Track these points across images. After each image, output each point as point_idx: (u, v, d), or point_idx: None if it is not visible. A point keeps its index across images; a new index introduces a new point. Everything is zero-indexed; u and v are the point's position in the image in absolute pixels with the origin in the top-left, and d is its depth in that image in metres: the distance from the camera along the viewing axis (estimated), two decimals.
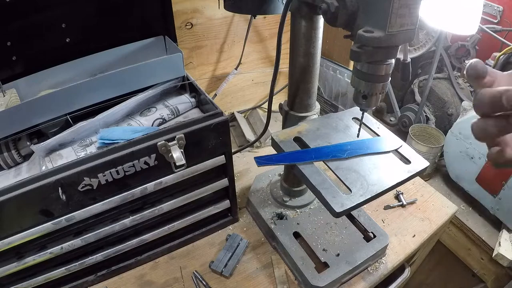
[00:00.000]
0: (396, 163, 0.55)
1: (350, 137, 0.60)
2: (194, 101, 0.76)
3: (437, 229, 0.83)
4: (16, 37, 0.67)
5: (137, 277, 0.72)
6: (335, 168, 0.54)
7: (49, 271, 0.63)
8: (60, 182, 0.53)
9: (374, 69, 0.45)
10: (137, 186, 0.61)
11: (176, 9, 0.88)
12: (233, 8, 0.70)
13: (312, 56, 0.62)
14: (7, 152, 0.63)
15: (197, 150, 0.63)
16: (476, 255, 0.94)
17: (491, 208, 0.89)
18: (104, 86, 0.65)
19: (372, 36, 0.40)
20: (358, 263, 0.69)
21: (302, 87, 0.66)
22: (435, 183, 1.06)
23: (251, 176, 0.95)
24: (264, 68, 1.18)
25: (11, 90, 0.68)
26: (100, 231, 0.63)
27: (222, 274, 0.71)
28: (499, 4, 1.05)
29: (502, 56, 0.95)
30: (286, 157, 0.57)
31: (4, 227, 0.54)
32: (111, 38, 0.76)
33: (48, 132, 0.66)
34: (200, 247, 0.78)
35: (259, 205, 0.82)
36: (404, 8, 0.39)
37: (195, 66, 1.04)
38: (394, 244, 0.78)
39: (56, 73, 0.72)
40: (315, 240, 0.73)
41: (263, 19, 1.08)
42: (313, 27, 0.58)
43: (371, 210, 0.86)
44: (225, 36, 1.05)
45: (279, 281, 0.71)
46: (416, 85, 1.17)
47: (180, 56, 0.71)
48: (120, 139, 0.60)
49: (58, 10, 0.68)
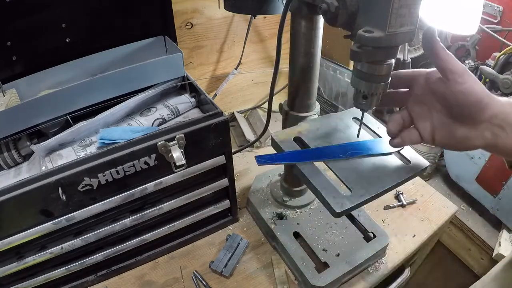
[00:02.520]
0: (396, 163, 0.55)
1: (350, 137, 0.60)
2: (194, 101, 0.76)
3: (437, 229, 0.83)
4: (16, 37, 0.67)
5: (137, 277, 0.72)
6: (335, 168, 0.54)
7: (49, 271, 0.63)
8: (60, 182, 0.53)
9: (374, 69, 0.45)
10: (137, 186, 0.61)
11: (176, 9, 0.88)
12: (233, 8, 0.70)
13: (312, 56, 0.62)
14: (7, 152, 0.63)
15: (197, 150, 0.63)
16: (476, 255, 0.94)
17: (491, 208, 0.89)
18: (104, 86, 0.65)
19: (372, 36, 0.40)
20: (358, 263, 0.68)
21: (302, 87, 0.66)
22: (435, 183, 1.06)
23: (251, 176, 0.95)
24: (264, 68, 1.18)
25: (11, 90, 0.68)
26: (100, 231, 0.63)
27: (222, 274, 0.71)
28: (499, 4, 1.05)
29: (502, 56, 0.95)
30: (286, 157, 0.57)
31: (4, 227, 0.54)
32: (111, 38, 0.76)
33: (48, 132, 0.66)
34: (200, 247, 0.78)
35: (259, 205, 0.82)
36: (404, 8, 0.39)
37: (195, 66, 1.04)
38: (394, 244, 0.78)
39: (56, 73, 0.72)
40: (315, 240, 0.73)
41: (263, 19, 1.08)
42: (313, 27, 0.58)
43: (371, 210, 0.86)
44: (225, 36, 1.05)
45: (279, 281, 0.71)
46: None
47: (180, 56, 0.71)
48: (120, 139, 0.60)
49: (58, 10, 0.68)
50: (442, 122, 0.44)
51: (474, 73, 1.09)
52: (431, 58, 0.42)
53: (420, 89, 0.46)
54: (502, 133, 0.40)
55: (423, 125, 0.46)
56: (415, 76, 0.47)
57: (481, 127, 0.41)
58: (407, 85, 0.49)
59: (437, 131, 0.45)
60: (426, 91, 0.45)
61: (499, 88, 0.97)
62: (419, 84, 0.47)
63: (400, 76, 0.49)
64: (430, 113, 0.46)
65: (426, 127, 0.46)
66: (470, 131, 0.42)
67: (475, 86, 0.40)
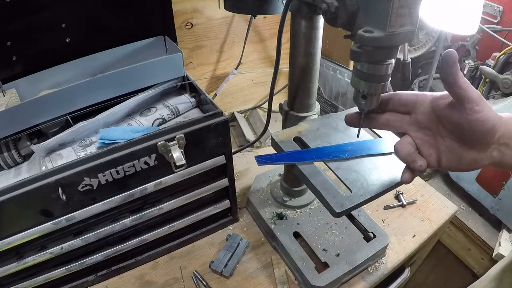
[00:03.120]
0: (396, 163, 0.55)
1: (350, 137, 0.60)
2: (194, 101, 0.76)
3: (437, 229, 0.83)
4: (16, 37, 0.67)
5: (137, 277, 0.72)
6: (335, 168, 0.54)
7: (49, 271, 0.63)
8: (60, 182, 0.52)
9: (374, 69, 0.45)
10: (137, 186, 0.61)
11: (176, 9, 0.88)
12: (233, 8, 0.70)
13: (312, 56, 0.62)
14: (7, 152, 0.63)
15: (197, 150, 0.63)
16: (476, 255, 0.94)
17: (491, 208, 0.89)
18: (104, 86, 0.65)
19: (372, 36, 0.40)
20: (358, 263, 0.69)
21: (302, 87, 0.66)
22: (435, 183, 1.06)
23: (251, 176, 0.95)
24: (264, 68, 1.18)
25: (11, 90, 0.68)
26: (100, 231, 0.63)
27: (222, 274, 0.71)
28: (499, 4, 1.05)
29: (502, 56, 0.95)
30: (286, 157, 0.57)
31: (4, 227, 0.54)
32: (111, 38, 0.76)
33: (48, 132, 0.66)
34: (200, 247, 0.78)
35: (259, 205, 0.82)
36: (404, 8, 0.39)
37: (195, 66, 1.04)
38: (394, 244, 0.78)
39: (56, 73, 0.72)
40: (315, 240, 0.73)
41: (263, 19, 1.08)
42: (313, 27, 0.58)
43: (371, 210, 0.86)
44: (225, 36, 1.05)
45: (279, 281, 0.71)
46: (416, 85, 1.17)
47: (180, 56, 0.71)
48: (120, 139, 0.60)
49: (58, 10, 0.68)
50: (449, 147, 0.43)
51: (474, 73, 1.09)
52: (447, 84, 0.39)
53: (423, 115, 0.44)
54: (508, 151, 0.40)
55: (429, 151, 0.44)
56: (418, 101, 0.44)
57: (490, 149, 0.40)
58: (407, 109, 0.46)
59: (444, 156, 0.44)
60: (431, 117, 0.43)
61: (499, 88, 0.97)
62: (422, 110, 0.44)
63: (401, 99, 0.46)
64: (435, 139, 0.44)
65: (432, 153, 0.44)
66: (479, 154, 0.41)
67: (490, 113, 0.38)
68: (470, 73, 1.09)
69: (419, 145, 0.45)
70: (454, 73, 0.38)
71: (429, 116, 0.43)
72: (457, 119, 0.40)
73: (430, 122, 0.44)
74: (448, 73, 0.38)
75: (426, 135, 0.45)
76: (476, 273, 0.96)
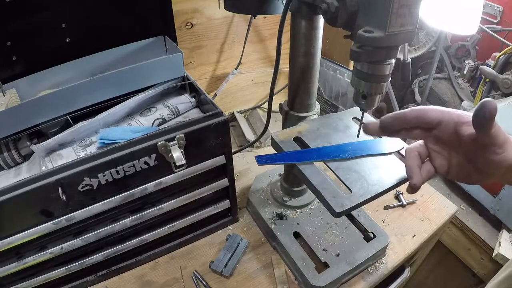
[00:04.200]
0: (397, 163, 0.55)
1: (350, 137, 0.60)
2: (194, 101, 0.76)
3: (437, 229, 0.83)
4: (16, 37, 0.67)
5: (137, 277, 0.72)
6: (335, 168, 0.54)
7: (49, 271, 0.63)
8: (60, 182, 0.53)
9: (374, 69, 0.45)
10: (137, 186, 0.61)
11: (176, 9, 0.88)
12: (233, 8, 0.70)
13: (312, 56, 0.62)
14: (7, 152, 0.63)
15: (197, 150, 0.63)
16: (476, 255, 0.94)
17: (491, 208, 0.89)
18: (104, 86, 0.65)
19: (372, 36, 0.40)
20: (358, 263, 0.69)
21: (302, 87, 0.66)
22: (435, 183, 1.06)
23: (251, 176, 0.95)
24: (264, 68, 1.18)
25: (11, 90, 0.68)
26: (100, 231, 0.63)
27: (222, 274, 0.71)
28: (499, 4, 1.05)
29: (502, 56, 0.95)
30: (286, 157, 0.57)
31: (4, 227, 0.54)
32: (111, 38, 0.76)
33: (48, 132, 0.66)
34: (200, 247, 0.78)
35: (259, 205, 0.82)
36: (404, 8, 0.39)
37: (195, 66, 1.04)
38: (394, 244, 0.78)
39: (56, 73, 0.72)
40: (315, 240, 0.73)
41: (263, 19, 1.08)
42: (313, 27, 0.58)
43: (371, 210, 0.86)
44: (225, 36, 1.05)
45: (279, 281, 0.71)
46: (416, 85, 1.17)
47: (180, 56, 0.71)
48: (120, 139, 0.60)
49: (58, 10, 0.68)
50: (460, 164, 0.44)
51: (474, 73, 1.09)
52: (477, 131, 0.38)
53: (445, 134, 0.44)
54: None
55: (441, 163, 0.46)
56: (444, 121, 0.43)
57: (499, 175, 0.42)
58: (430, 126, 0.45)
59: (454, 169, 0.45)
60: (452, 137, 0.43)
61: (499, 88, 0.97)
62: (446, 130, 0.44)
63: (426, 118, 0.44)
64: (449, 154, 0.45)
65: (443, 165, 0.46)
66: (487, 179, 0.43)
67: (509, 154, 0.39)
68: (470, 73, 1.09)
69: (433, 155, 0.47)
70: (488, 127, 0.37)
71: (450, 135, 0.44)
72: (475, 151, 0.41)
73: (450, 141, 0.44)
74: (482, 125, 0.37)
75: (442, 149, 0.46)
76: (476, 273, 0.96)
